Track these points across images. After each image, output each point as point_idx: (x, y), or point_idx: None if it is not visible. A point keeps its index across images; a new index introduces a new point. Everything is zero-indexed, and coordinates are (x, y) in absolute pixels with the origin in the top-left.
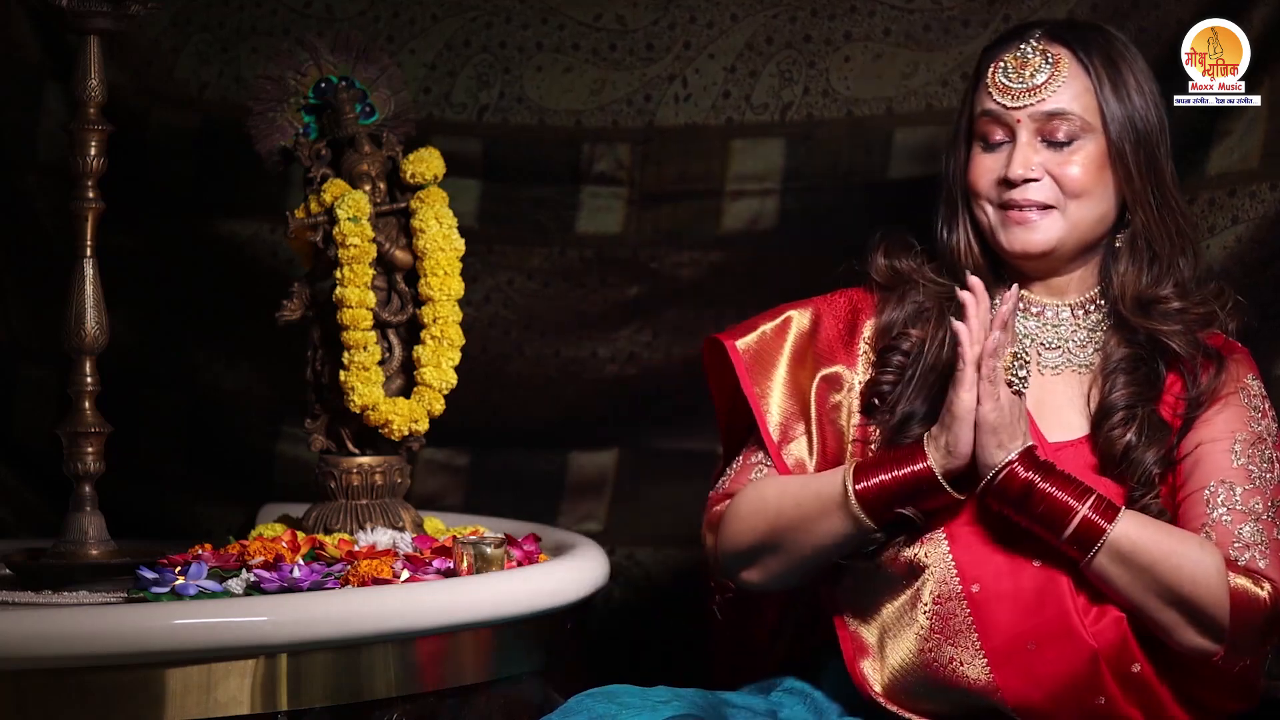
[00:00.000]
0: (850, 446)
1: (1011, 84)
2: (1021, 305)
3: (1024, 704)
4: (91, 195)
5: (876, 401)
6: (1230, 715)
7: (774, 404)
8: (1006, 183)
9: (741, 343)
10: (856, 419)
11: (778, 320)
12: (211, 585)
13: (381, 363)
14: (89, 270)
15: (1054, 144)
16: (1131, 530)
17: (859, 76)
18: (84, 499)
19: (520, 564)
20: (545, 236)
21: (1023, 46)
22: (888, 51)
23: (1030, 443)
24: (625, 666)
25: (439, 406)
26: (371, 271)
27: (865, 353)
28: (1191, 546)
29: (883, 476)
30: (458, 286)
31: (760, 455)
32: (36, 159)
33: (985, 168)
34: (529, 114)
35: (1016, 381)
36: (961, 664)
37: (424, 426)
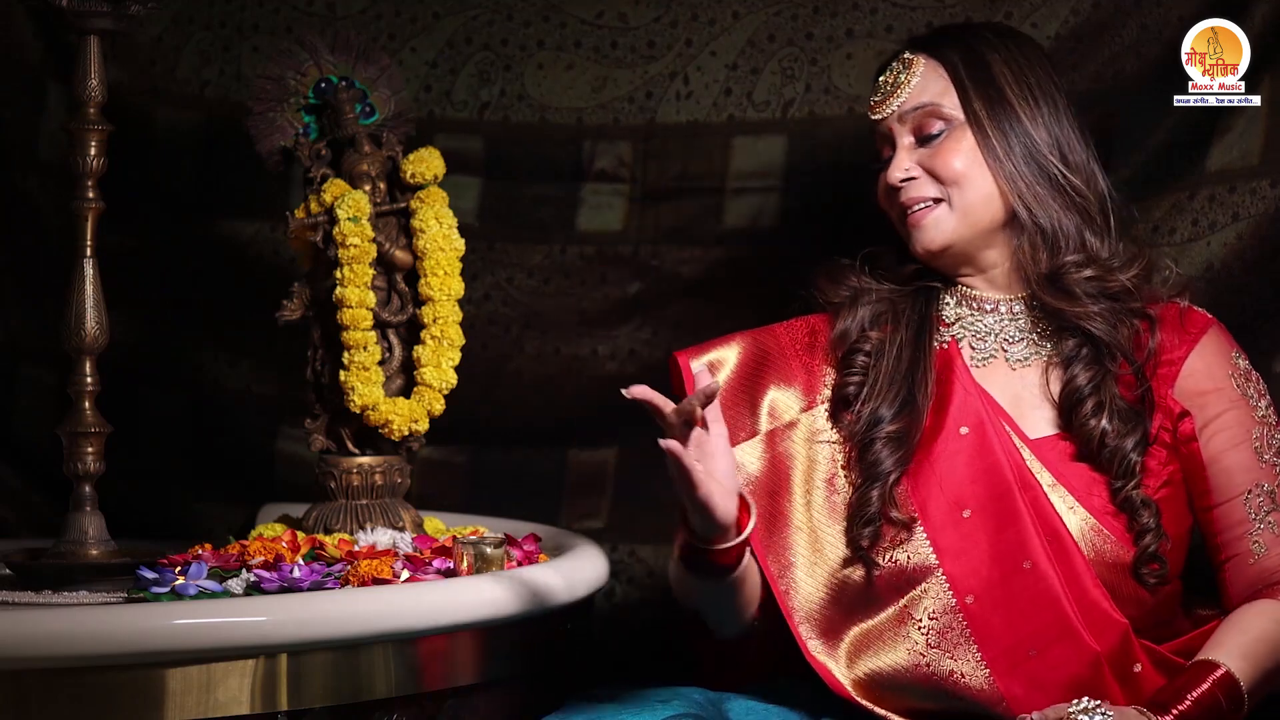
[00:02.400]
0: (812, 449)
1: (879, 97)
2: (975, 304)
3: (1029, 710)
4: (91, 195)
5: (843, 405)
6: None
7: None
8: (893, 189)
9: (695, 360)
10: (829, 434)
11: (730, 342)
12: (211, 585)
13: (381, 363)
14: (89, 270)
15: (926, 141)
16: (1234, 656)
17: (861, 73)
18: (84, 499)
19: (520, 564)
20: (546, 234)
21: (891, 64)
22: (890, 49)
23: (1142, 710)
24: (626, 667)
25: (439, 406)
26: (371, 271)
27: (827, 370)
28: (1255, 621)
29: (680, 547)
30: (458, 286)
31: None
32: (37, 159)
33: (881, 184)
34: (530, 111)
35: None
36: (963, 675)
37: (424, 426)
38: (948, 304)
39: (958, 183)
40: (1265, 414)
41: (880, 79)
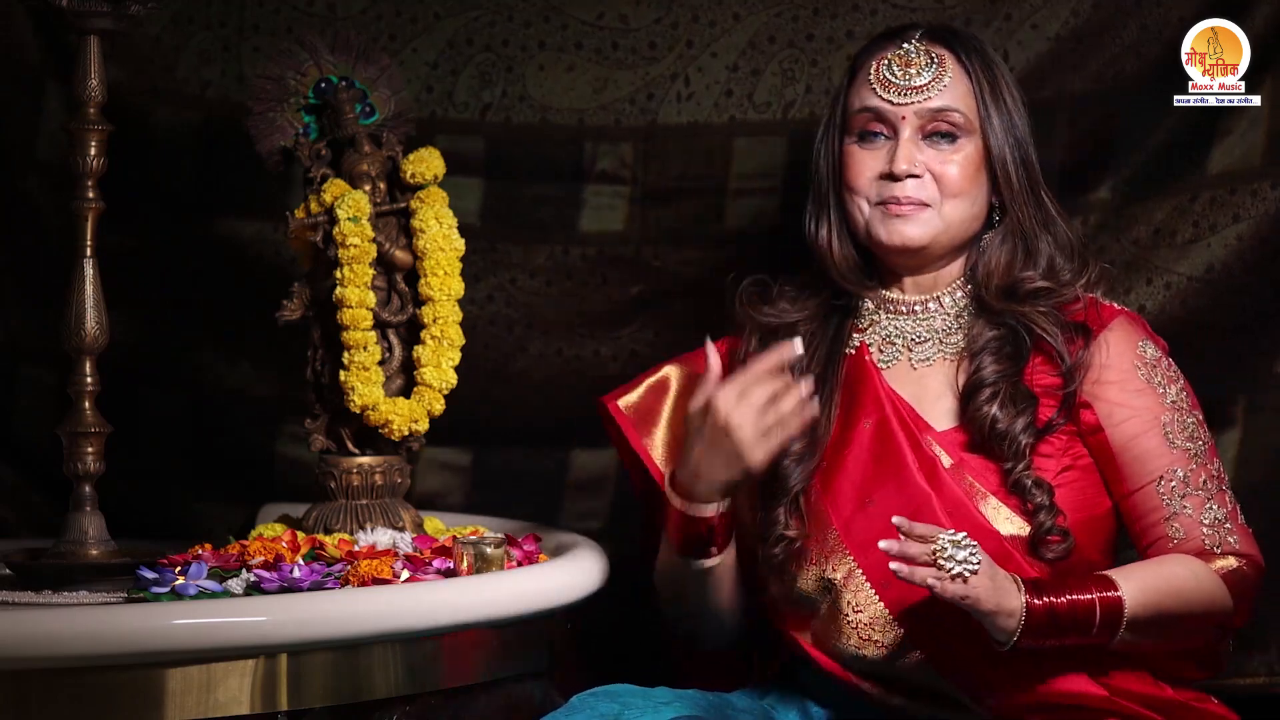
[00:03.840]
0: None
1: (896, 81)
2: (892, 306)
3: (967, 681)
4: (91, 195)
5: None
6: (1190, 682)
7: (664, 455)
8: (889, 177)
9: (624, 401)
10: None
11: (657, 376)
12: (211, 585)
13: (381, 363)
14: (89, 270)
15: (936, 143)
16: (1131, 587)
17: None
18: (84, 499)
19: (520, 564)
20: (548, 235)
21: (905, 45)
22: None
23: (1019, 580)
24: (626, 667)
25: (439, 406)
26: (371, 271)
27: None
28: (1177, 564)
29: (671, 521)
30: (458, 286)
31: None
32: (37, 159)
33: (864, 164)
34: (531, 112)
35: (965, 570)
36: (897, 658)
37: (424, 426)
38: (867, 308)
39: (957, 196)
40: (1176, 400)
41: (896, 63)
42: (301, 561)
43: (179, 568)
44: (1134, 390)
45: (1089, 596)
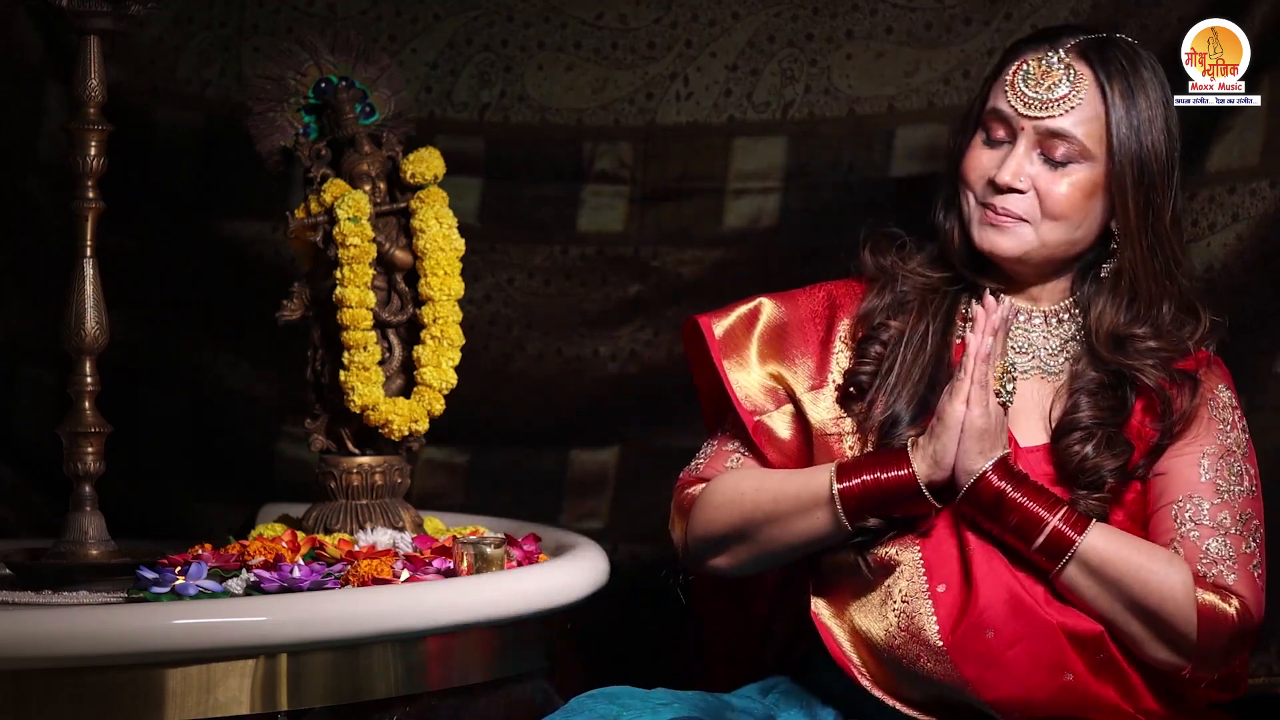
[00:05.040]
0: (819, 440)
1: (1027, 91)
2: None
3: (997, 695)
4: (91, 195)
5: (853, 391)
6: (1213, 703)
7: (744, 379)
8: (993, 185)
9: (718, 324)
10: (828, 412)
11: (750, 305)
12: (211, 585)
13: (381, 363)
14: (89, 270)
15: (1050, 161)
16: (1100, 543)
17: (861, 74)
18: (84, 499)
19: (520, 564)
20: (547, 235)
21: (1050, 55)
22: (889, 49)
23: (1007, 451)
24: (626, 666)
25: (439, 406)
26: (371, 271)
27: (841, 348)
28: (1160, 561)
29: (866, 477)
30: (458, 286)
31: (735, 444)
32: (37, 159)
33: (980, 162)
34: (531, 112)
35: (1004, 394)
36: (928, 660)
37: (424, 426)
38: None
39: (1057, 218)
40: (1231, 443)
41: (1034, 71)
42: (301, 561)
43: (179, 568)
44: (1194, 421)
45: (1048, 519)
